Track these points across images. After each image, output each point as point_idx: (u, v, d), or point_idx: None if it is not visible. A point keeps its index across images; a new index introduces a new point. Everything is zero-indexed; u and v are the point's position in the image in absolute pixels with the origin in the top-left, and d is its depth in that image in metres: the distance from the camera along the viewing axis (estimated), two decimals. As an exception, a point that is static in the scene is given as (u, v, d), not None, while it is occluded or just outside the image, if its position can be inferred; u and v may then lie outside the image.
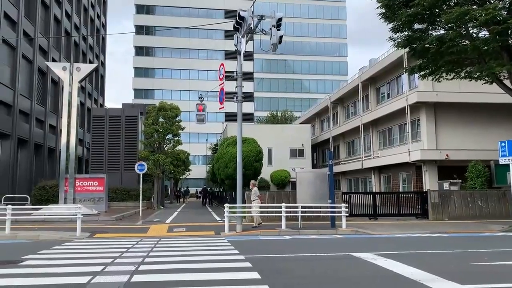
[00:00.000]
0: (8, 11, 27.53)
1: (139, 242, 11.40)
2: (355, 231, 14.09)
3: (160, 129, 29.59)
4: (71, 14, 40.86)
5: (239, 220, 14.32)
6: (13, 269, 7.47)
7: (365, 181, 34.38)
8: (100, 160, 29.63)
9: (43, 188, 26.45)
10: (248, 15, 14.00)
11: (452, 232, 14.08)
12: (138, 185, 23.22)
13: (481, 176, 20.37)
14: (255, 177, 29.30)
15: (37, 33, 32.16)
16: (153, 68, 69.99)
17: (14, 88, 28.43)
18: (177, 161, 30.55)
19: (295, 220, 15.51)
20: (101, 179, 24.43)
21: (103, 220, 19.01)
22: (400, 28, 19.03)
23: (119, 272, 7.11)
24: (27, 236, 12.76)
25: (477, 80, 19.20)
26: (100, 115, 30.83)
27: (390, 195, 20.61)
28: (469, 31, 17.78)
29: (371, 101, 32.73)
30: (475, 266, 7.73)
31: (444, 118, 25.57)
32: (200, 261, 8.18)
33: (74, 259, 8.68)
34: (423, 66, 19.83)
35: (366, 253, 9.09)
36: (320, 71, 78.27)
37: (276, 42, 13.06)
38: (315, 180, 15.43)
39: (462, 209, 18.50)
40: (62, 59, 37.28)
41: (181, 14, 69.79)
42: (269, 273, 7.04)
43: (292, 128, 43.33)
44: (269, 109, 70.34)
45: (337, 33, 79.07)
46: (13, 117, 28.22)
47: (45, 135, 33.99)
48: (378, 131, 32.03)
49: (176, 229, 15.15)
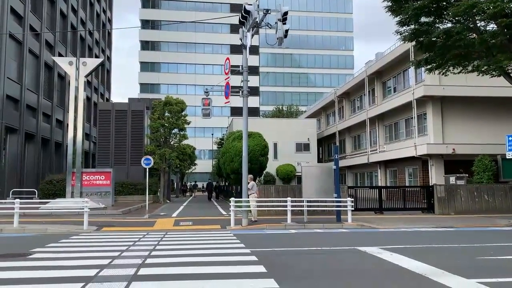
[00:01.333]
0: (14, 6, 27.63)
1: (145, 236, 11.49)
2: (360, 225, 14.09)
3: (166, 123, 29.68)
4: (77, 9, 40.92)
5: (244, 214, 14.37)
6: (22, 262, 7.57)
7: (371, 175, 34.32)
8: (106, 154, 29.82)
9: (50, 182, 26.71)
10: (253, 9, 13.96)
11: (458, 226, 14.03)
12: (145, 179, 23.35)
13: (487, 170, 20.26)
14: (261, 171, 29.34)
15: (44, 28, 32.26)
16: (159, 62, 69.99)
17: (21, 83, 28.59)
18: (183, 156, 30.67)
19: (301, 215, 15.56)
20: (107, 173, 24.59)
21: (110, 214, 19.16)
22: (407, 22, 18.88)
23: (126, 265, 7.17)
24: (35, 230, 12.90)
25: (484, 74, 19.04)
26: (107, 109, 30.97)
27: (396, 189, 20.54)
28: (476, 24, 17.61)
29: (377, 95, 32.59)
30: (481, 261, 7.71)
31: (450, 112, 25.41)
32: (206, 255, 8.23)
33: (82, 252, 8.78)
34: (429, 59, 19.67)
35: (372, 247, 9.10)
36: (326, 65, 77.88)
37: (282, 36, 13.03)
38: (321, 174, 15.45)
39: (468, 203, 18.43)
40: (69, 54, 37.40)
41: (187, 8, 69.66)
42: (275, 266, 7.07)
43: (298, 123, 43.25)
44: (275, 103, 70.23)
45: (343, 27, 78.54)
46: (20, 111, 28.41)
47: (52, 129, 34.20)
48: (384, 125, 31.91)
49: (182, 223, 15.24)
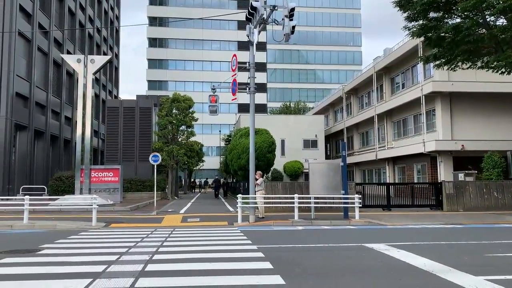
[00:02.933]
0: (23, 4, 27.82)
1: (153, 232, 11.55)
2: (368, 222, 14.04)
3: (173, 120, 29.77)
4: (85, 6, 41.11)
5: (252, 210, 14.40)
6: (31, 258, 7.65)
7: (379, 172, 34.17)
8: (115, 151, 30.01)
9: (59, 178, 26.93)
10: (260, 5, 13.94)
11: (466, 223, 13.94)
12: (153, 176, 23.47)
13: (497, 167, 20.08)
14: (268, 168, 29.33)
15: (52, 26, 32.46)
16: (167, 59, 70.21)
17: (30, 80, 28.81)
18: (190, 152, 30.76)
19: (308, 211, 15.54)
20: (116, 170, 24.73)
21: (118, 210, 19.28)
22: (415, 17, 18.76)
23: (134, 261, 7.23)
24: (45, 226, 13.02)
25: (494, 70, 18.84)
26: (115, 106, 31.13)
27: (404, 186, 20.40)
28: (486, 19, 17.42)
29: (386, 91, 32.40)
30: (489, 258, 7.65)
31: (459, 108, 25.20)
32: (213, 251, 8.26)
33: (90, 248, 8.85)
34: (438, 55, 19.52)
35: (379, 244, 9.08)
36: (334, 61, 77.51)
37: (289, 33, 13.01)
38: (328, 171, 15.42)
39: (477, 200, 18.28)
40: (77, 51, 37.61)
41: (194, 4, 69.71)
42: (281, 263, 7.08)
43: (306, 119, 43.16)
44: (282, 100, 70.13)
45: (351, 22, 78.05)
46: (29, 109, 28.64)
47: (60, 126, 34.46)
48: (393, 122, 31.74)
49: (190, 219, 15.30)
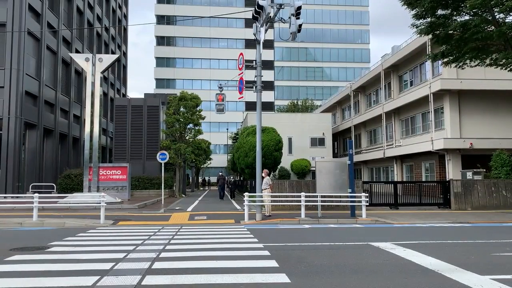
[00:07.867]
0: (32, 3, 28.05)
1: (160, 230, 11.63)
2: (375, 221, 14.02)
3: (181, 118, 29.89)
4: (93, 5, 41.33)
5: (258, 209, 14.43)
6: (40, 255, 7.75)
7: (387, 170, 34.03)
8: (123, 149, 30.19)
9: (68, 176, 27.17)
10: (267, 4, 13.92)
11: (474, 222, 13.86)
12: (160, 174, 23.60)
13: (506, 165, 19.91)
14: (275, 166, 29.34)
15: (61, 25, 32.69)
16: (174, 57, 70.38)
17: (39, 79, 29.06)
18: (198, 150, 30.89)
19: (315, 209, 15.55)
20: (124, 168, 24.91)
21: (126, 208, 19.42)
22: (423, 15, 18.64)
23: (141, 259, 7.30)
24: (54, 223, 13.18)
25: (502, 67, 18.67)
26: (123, 105, 31.30)
27: (412, 184, 20.32)
28: (494, 16, 17.27)
29: (394, 89, 32.24)
30: (496, 257, 7.62)
31: (468, 106, 25.01)
32: (219, 249, 8.31)
33: (98, 246, 8.95)
34: (446, 52, 19.38)
35: (385, 243, 9.07)
36: (341, 58, 77.10)
37: (295, 31, 12.99)
38: (335, 169, 15.40)
39: (485, 198, 18.16)
40: (85, 50, 37.85)
41: (202, 3, 69.82)
42: (287, 261, 7.11)
43: (313, 117, 43.08)
44: (290, 98, 70.01)
45: (359, 20, 77.56)
46: (38, 107, 28.90)
47: (69, 124, 34.72)
48: (401, 120, 31.58)
49: (197, 217, 15.37)
